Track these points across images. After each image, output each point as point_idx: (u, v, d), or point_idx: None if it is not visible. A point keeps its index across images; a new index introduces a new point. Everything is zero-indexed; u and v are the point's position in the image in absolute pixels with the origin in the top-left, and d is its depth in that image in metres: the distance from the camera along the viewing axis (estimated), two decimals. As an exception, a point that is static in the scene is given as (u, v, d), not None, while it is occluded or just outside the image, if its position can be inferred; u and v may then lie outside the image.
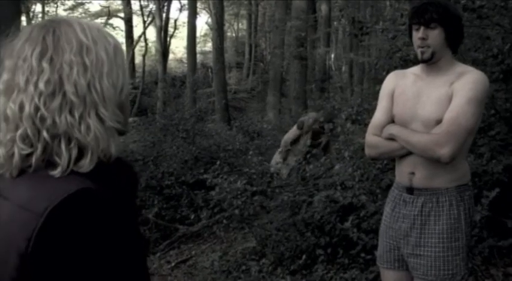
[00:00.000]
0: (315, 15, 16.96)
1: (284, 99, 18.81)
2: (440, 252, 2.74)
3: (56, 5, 30.25)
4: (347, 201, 5.15)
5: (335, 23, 23.68)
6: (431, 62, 2.75)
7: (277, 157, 8.08)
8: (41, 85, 1.16)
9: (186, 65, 25.36)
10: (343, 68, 26.88)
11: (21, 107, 1.16)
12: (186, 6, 27.17)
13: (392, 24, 6.29)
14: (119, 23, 31.66)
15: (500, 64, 4.83)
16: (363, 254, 5.05)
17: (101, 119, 1.21)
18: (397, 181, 2.95)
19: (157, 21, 28.14)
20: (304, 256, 5.47)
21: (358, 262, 5.13)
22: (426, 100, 2.75)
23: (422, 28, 2.71)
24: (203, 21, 40.36)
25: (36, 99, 1.16)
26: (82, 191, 1.12)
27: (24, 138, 1.16)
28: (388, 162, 5.34)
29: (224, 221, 7.07)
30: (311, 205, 5.65)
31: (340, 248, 5.32)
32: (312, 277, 5.20)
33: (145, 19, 32.00)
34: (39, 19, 29.72)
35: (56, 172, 1.15)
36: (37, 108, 1.16)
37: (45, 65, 1.18)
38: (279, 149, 8.23)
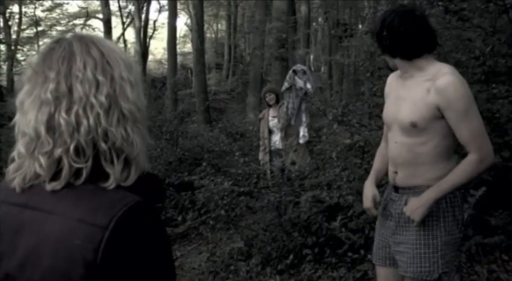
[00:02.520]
0: (295, 17, 17.04)
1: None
2: (417, 249, 2.80)
3: (34, 6, 29.90)
4: (333, 201, 5.22)
5: (314, 24, 23.82)
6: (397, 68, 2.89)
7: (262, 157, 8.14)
8: (102, 98, 1.19)
9: (165, 66, 25.32)
10: (322, 69, 27.02)
11: (78, 119, 1.16)
12: (166, 7, 27.12)
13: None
14: (97, 24, 31.48)
15: (482, 66, 4.93)
16: (350, 253, 5.12)
17: (141, 135, 1.26)
18: (389, 180, 3.02)
19: (136, 22, 28.03)
20: (291, 256, 5.52)
21: (345, 261, 5.20)
22: (403, 103, 2.80)
23: None
24: (182, 23, 40.19)
25: (98, 112, 1.17)
26: (140, 203, 1.16)
27: (79, 151, 1.17)
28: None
29: (210, 222, 7.09)
30: (297, 205, 5.70)
31: (327, 248, 5.38)
32: (300, 277, 5.25)
33: (124, 20, 31.88)
34: (16, 20, 29.37)
35: (108, 184, 1.17)
36: (98, 121, 1.17)
37: (100, 78, 1.20)
38: (262, 148, 8.29)
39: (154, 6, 55.71)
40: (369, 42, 5.98)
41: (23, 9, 29.07)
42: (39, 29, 30.91)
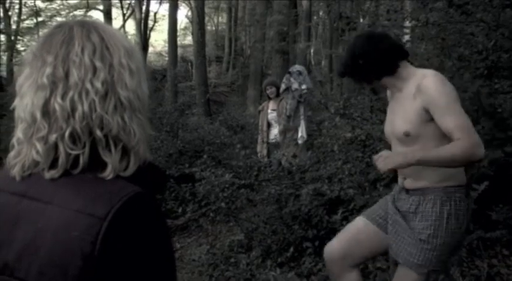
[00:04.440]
0: (296, 10, 17.00)
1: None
2: (416, 241, 2.86)
3: (34, -4, 29.81)
4: (334, 194, 5.21)
5: (315, 17, 23.76)
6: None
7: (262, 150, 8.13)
8: (98, 84, 1.16)
9: (165, 58, 25.27)
10: (323, 63, 26.94)
11: (73, 104, 1.14)
12: (166, -1, 27.02)
13: (378, 19, 6.36)
14: (98, 15, 31.33)
15: (485, 60, 4.93)
16: (350, 247, 5.12)
17: (141, 125, 1.23)
18: (398, 182, 3.09)
19: (137, 13, 27.94)
20: (291, 249, 5.52)
21: (345, 254, 5.20)
22: (395, 117, 2.91)
23: None
24: (183, 15, 40.07)
25: (93, 98, 1.15)
26: (139, 194, 1.14)
27: (75, 137, 1.14)
28: (375, 156, 5.42)
29: (211, 214, 7.09)
30: (298, 198, 5.70)
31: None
32: (300, 270, 5.25)
33: (125, 12, 31.77)
34: (16, 10, 29.26)
35: (106, 174, 1.15)
36: (93, 107, 1.15)
37: (98, 64, 1.18)
38: (260, 141, 8.31)
39: (155, -2, 55.49)
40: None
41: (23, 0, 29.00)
42: (39, 19, 30.77)
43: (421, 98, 2.71)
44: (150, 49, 33.47)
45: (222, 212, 6.75)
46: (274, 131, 8.17)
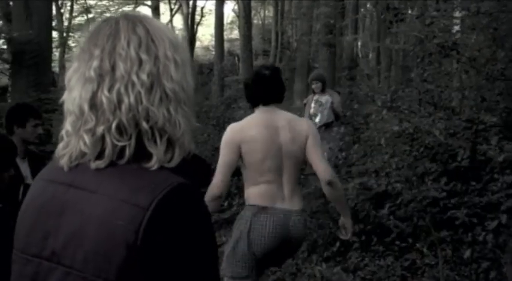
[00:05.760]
0: (343, 2, 16.80)
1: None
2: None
3: (83, -6, 30.40)
4: (381, 188, 5.13)
5: (362, 9, 23.45)
6: None
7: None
8: (144, 76, 1.16)
9: (213, 52, 25.39)
10: (371, 55, 26.61)
11: (120, 97, 1.15)
12: (213, -7, 27.10)
13: (427, 10, 6.21)
14: (146, 11, 31.70)
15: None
16: (397, 242, 5.05)
17: (186, 116, 1.23)
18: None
19: (184, 8, 28.17)
20: (338, 243, 5.47)
21: (392, 250, 5.13)
22: None
23: None
24: (229, 9, 40.18)
25: (139, 90, 1.15)
26: (183, 185, 1.14)
27: (121, 129, 1.15)
28: (423, 150, 5.31)
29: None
30: (344, 192, 5.63)
31: (374, 236, 5.31)
32: (346, 264, 5.20)
33: (172, 7, 32.04)
34: (68, 8, 29.93)
35: (151, 164, 1.15)
36: (139, 100, 1.15)
37: (143, 56, 1.18)
38: None
39: (202, -8, 55.93)
40: (419, 27, 5.83)
41: (74, -3, 29.60)
42: (90, 16, 31.37)
43: None
44: (197, 43, 33.72)
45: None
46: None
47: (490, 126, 5.01)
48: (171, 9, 30.55)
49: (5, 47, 14.77)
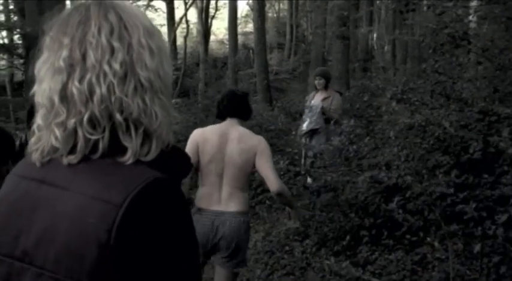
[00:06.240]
0: (357, -6, 16.67)
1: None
2: None
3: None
4: (392, 182, 5.05)
5: (377, 1, 23.27)
6: None
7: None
8: (116, 65, 1.11)
9: (227, 46, 25.33)
10: (386, 48, 26.41)
11: (91, 87, 1.10)
12: (227, -13, 27.04)
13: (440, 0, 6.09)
14: (160, 4, 31.83)
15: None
16: (408, 236, 4.98)
17: (163, 107, 1.18)
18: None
19: (198, 2, 28.12)
20: (348, 237, 5.42)
21: (403, 244, 5.07)
22: None
23: None
24: (244, 2, 40.07)
25: (111, 80, 1.10)
26: (159, 180, 1.09)
27: (94, 121, 1.10)
28: (434, 142, 5.22)
29: (267, 201, 7.06)
30: (355, 186, 5.57)
31: (384, 230, 5.25)
32: (356, 259, 5.15)
33: (187, 1, 32.03)
34: None
35: (126, 159, 1.10)
36: (112, 90, 1.10)
37: (116, 44, 1.12)
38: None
39: (216, -14, 55.77)
40: (432, 17, 5.73)
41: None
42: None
43: None
44: (212, 37, 33.72)
45: (278, 200, 6.68)
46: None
47: (504, 118, 4.90)
48: (186, 3, 30.50)
49: (19, 42, 14.91)
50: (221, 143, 3.69)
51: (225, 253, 3.71)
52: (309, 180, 6.76)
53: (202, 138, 3.74)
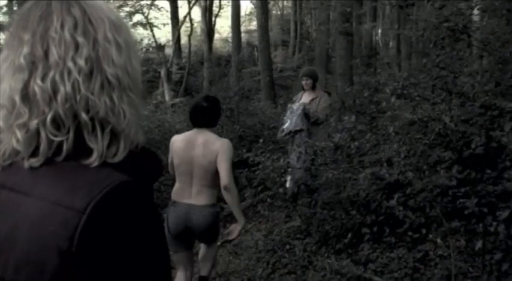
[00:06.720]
0: (360, -10, 16.56)
1: (330, 76, 18.50)
2: None
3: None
4: (393, 178, 4.98)
5: (382, -3, 23.14)
6: None
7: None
8: (81, 62, 1.05)
9: (231, 44, 25.27)
10: (391, 44, 26.29)
11: (55, 86, 1.03)
12: (230, -15, 26.94)
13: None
14: (164, 3, 31.70)
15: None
16: (410, 233, 4.92)
17: (132, 105, 1.12)
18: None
19: (201, 1, 28.08)
20: (349, 235, 5.36)
21: (405, 241, 5.01)
22: None
23: None
24: (248, 0, 40.01)
25: (76, 78, 1.04)
26: (124, 184, 1.02)
27: (58, 122, 1.04)
28: (436, 138, 5.14)
29: (268, 200, 7.00)
30: (356, 183, 5.51)
31: (386, 227, 5.20)
32: (358, 256, 5.10)
33: (190, -1, 31.99)
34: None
35: (91, 161, 1.04)
36: (77, 88, 1.04)
37: (80, 39, 1.06)
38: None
39: (220, -16, 55.65)
40: (434, 12, 5.65)
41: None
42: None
43: None
44: (216, 35, 33.63)
45: (279, 198, 6.64)
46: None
47: (506, 112, 4.83)
48: (189, 2, 30.44)
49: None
50: (188, 149, 4.27)
51: (200, 237, 4.42)
52: (288, 184, 6.70)
53: (174, 145, 4.36)
